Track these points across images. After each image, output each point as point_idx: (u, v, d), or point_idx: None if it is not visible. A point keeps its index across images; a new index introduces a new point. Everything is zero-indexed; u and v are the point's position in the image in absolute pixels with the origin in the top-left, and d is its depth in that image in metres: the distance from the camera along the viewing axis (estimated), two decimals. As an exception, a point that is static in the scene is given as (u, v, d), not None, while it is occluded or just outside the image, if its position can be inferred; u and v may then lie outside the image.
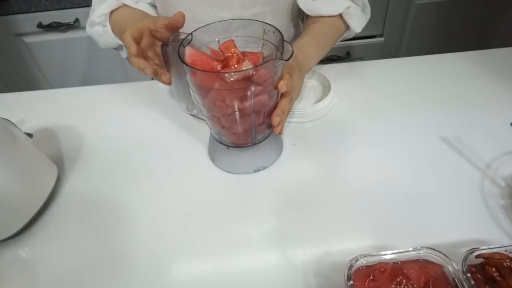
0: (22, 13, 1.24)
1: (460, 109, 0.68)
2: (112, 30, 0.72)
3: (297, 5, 0.72)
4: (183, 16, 0.51)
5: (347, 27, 0.73)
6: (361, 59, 1.48)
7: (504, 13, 1.45)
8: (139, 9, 0.71)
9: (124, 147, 0.66)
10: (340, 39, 0.75)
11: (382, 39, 1.45)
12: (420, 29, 1.45)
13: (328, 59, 1.43)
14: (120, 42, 0.74)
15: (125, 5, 0.70)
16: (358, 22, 0.72)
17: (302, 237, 0.51)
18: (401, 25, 1.44)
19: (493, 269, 0.40)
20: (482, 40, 1.52)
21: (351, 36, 0.77)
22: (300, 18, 0.80)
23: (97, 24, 0.72)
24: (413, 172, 0.58)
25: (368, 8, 0.75)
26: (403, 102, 0.71)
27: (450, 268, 0.40)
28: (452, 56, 0.81)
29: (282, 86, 0.50)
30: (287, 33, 0.79)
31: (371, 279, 0.40)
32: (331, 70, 0.77)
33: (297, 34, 0.81)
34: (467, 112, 0.67)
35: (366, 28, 0.76)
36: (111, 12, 0.71)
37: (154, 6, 0.75)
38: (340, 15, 0.71)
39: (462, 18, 1.44)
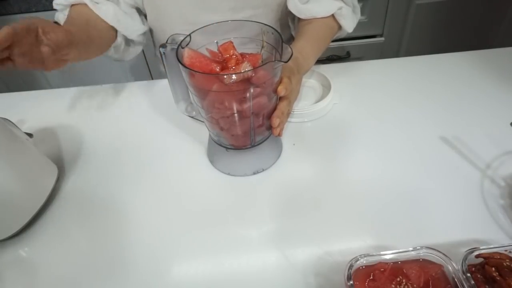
0: (22, 13, 1.24)
1: (460, 109, 0.68)
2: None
3: (286, 8, 0.72)
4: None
5: (339, 27, 0.74)
6: (361, 58, 1.48)
7: (504, 13, 1.45)
8: (94, 15, 0.68)
9: (123, 148, 0.66)
10: (332, 39, 0.76)
11: (382, 39, 1.45)
12: (420, 29, 1.45)
13: (328, 59, 1.43)
14: None
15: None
16: (349, 22, 0.73)
17: (302, 237, 0.51)
18: (401, 25, 1.44)
19: (493, 269, 0.40)
20: (482, 40, 1.52)
21: (343, 36, 0.78)
22: (290, 18, 0.80)
23: (59, 11, 0.71)
24: (413, 172, 0.58)
25: (358, 9, 0.76)
26: (403, 102, 0.71)
27: (450, 268, 0.40)
28: (452, 56, 0.81)
29: (281, 90, 0.50)
30: None
31: (371, 279, 0.40)
32: (331, 69, 0.77)
33: (285, 36, 0.81)
34: (467, 112, 0.67)
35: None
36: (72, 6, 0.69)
37: (135, 8, 0.74)
38: (332, 15, 0.71)
39: (462, 18, 1.43)
